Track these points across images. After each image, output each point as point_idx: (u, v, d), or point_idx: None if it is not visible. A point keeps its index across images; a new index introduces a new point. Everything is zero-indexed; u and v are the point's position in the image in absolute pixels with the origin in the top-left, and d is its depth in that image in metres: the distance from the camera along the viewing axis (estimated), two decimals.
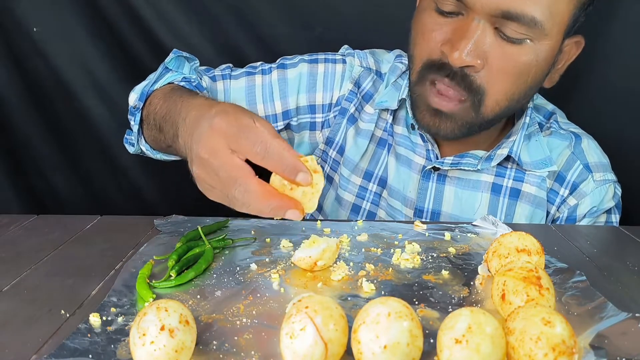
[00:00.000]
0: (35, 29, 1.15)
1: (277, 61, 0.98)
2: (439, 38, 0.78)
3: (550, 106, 0.97)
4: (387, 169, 0.95)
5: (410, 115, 0.90)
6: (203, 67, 0.96)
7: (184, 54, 0.91)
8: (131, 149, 0.90)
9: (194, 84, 0.87)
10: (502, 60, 0.76)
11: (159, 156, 0.88)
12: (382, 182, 0.96)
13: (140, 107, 0.84)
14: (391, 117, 0.95)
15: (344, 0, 1.14)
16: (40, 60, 1.16)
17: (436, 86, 0.80)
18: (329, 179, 1.02)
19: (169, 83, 0.85)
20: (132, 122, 0.86)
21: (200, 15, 1.15)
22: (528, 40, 0.75)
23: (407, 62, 0.90)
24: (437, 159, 0.90)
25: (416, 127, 0.90)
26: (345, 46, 1.01)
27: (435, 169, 0.91)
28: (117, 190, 1.28)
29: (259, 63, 0.99)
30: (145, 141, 0.87)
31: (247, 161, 0.56)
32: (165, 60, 0.88)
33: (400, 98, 0.91)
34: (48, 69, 1.17)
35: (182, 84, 0.85)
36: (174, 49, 0.91)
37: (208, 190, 0.59)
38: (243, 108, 0.60)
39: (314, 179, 0.54)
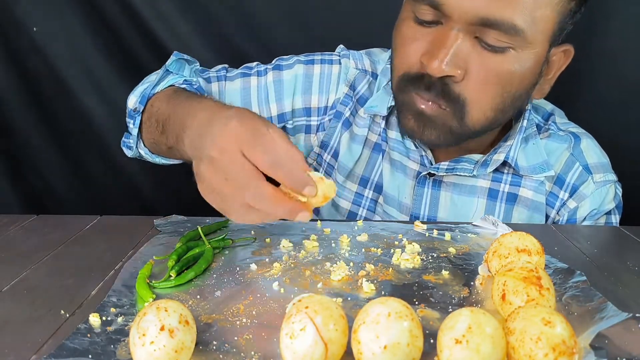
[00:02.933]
0: (34, 29, 1.15)
1: (273, 62, 0.97)
2: (418, 49, 0.76)
3: (549, 106, 0.96)
4: (382, 174, 0.94)
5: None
6: (199, 68, 0.95)
7: (185, 56, 0.90)
8: (129, 153, 0.89)
9: (195, 86, 0.86)
10: (484, 70, 0.74)
11: (158, 160, 0.87)
12: (378, 188, 0.95)
13: (141, 110, 0.83)
14: (384, 122, 0.93)
15: (343, 0, 1.14)
16: (40, 59, 1.16)
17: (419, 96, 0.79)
18: None
19: (170, 86, 0.84)
20: (131, 125, 0.85)
21: (199, 15, 1.15)
22: (510, 49, 0.73)
23: None
24: (432, 164, 0.89)
25: (403, 134, 0.88)
26: (341, 46, 0.99)
27: (430, 174, 0.89)
28: (117, 190, 1.28)
29: (255, 64, 0.97)
30: (144, 145, 0.86)
31: None
32: (167, 62, 0.87)
33: (389, 105, 0.90)
34: (48, 69, 1.17)
35: (183, 86, 0.84)
36: (175, 52, 0.90)
37: (208, 193, 0.58)
38: (257, 115, 0.60)
39: (329, 191, 0.57)
